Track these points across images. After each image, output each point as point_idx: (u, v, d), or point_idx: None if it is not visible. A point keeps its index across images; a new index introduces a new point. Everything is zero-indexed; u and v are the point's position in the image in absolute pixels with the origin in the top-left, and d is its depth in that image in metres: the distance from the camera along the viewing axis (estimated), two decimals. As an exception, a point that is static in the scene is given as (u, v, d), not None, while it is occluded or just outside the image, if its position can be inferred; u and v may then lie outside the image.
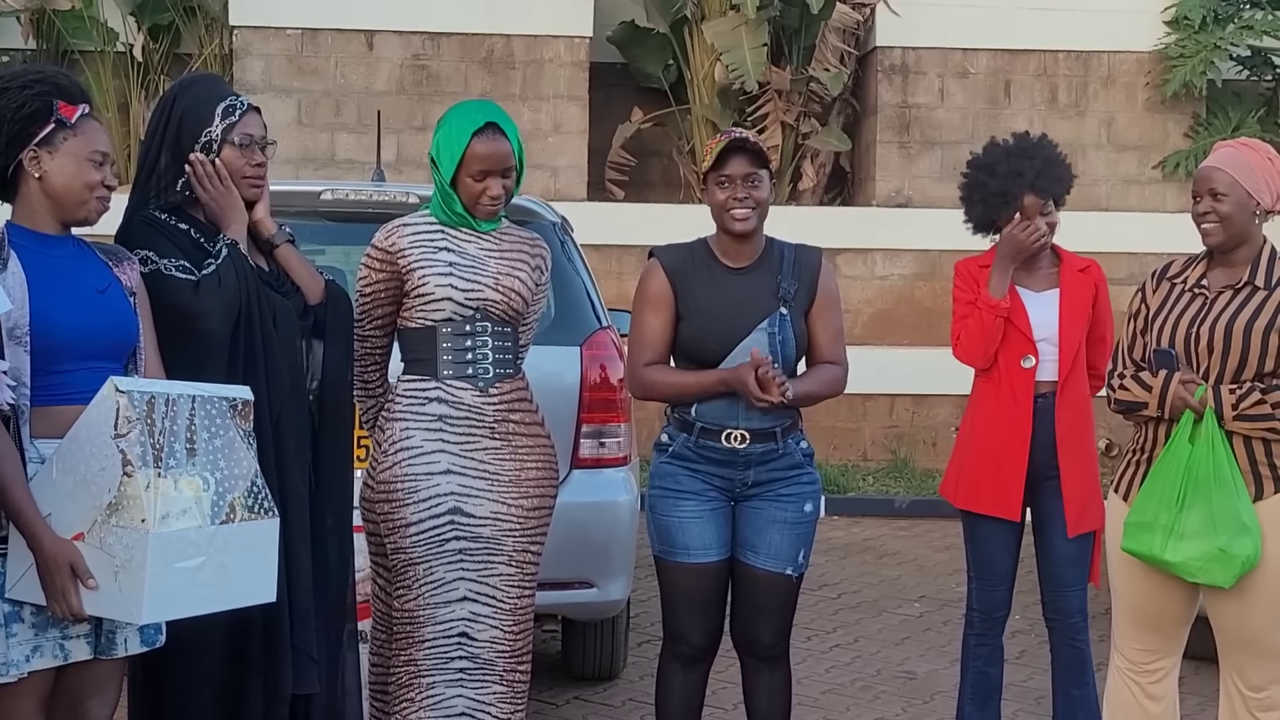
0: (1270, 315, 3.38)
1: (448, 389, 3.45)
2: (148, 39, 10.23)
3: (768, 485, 3.61)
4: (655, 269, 3.65)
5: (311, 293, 3.29)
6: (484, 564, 3.43)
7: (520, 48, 10.02)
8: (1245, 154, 3.47)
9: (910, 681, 5.34)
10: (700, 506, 3.60)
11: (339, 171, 9.68)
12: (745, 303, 3.58)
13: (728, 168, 3.55)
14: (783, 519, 3.61)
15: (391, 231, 3.51)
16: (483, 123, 3.43)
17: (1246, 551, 3.31)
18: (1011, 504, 4.04)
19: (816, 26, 10.09)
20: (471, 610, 3.42)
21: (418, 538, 3.41)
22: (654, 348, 3.62)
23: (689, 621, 3.65)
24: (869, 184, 10.38)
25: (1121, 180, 10.22)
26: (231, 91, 3.26)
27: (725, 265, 3.64)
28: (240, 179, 3.19)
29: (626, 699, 5.00)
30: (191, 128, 3.16)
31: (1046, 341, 4.03)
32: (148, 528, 2.63)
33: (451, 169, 3.44)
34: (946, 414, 9.51)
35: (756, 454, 3.58)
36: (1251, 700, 3.44)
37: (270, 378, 3.10)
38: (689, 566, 3.61)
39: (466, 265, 3.47)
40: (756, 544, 3.62)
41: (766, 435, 3.58)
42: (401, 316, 3.52)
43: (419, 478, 3.42)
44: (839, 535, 8.13)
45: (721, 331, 3.56)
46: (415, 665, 3.43)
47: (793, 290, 3.61)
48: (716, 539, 3.61)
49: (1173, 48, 10.18)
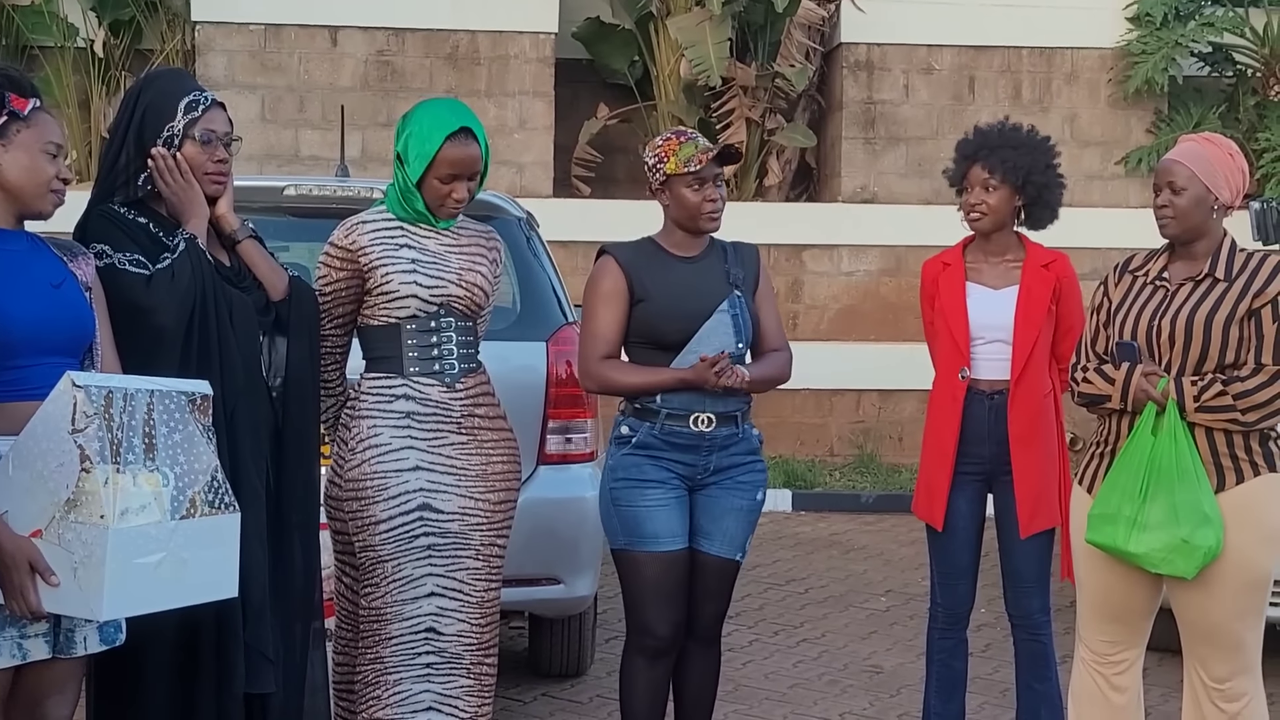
0: (1231, 307, 3.40)
1: (415, 386, 3.45)
2: (108, 35, 10.15)
3: (726, 472, 3.68)
4: (608, 263, 3.68)
5: (274, 289, 3.26)
6: (451, 559, 3.43)
7: (485, 44, 9.99)
8: (1207, 149, 3.48)
9: (877, 675, 5.35)
10: (666, 495, 3.63)
11: (303, 168, 9.62)
12: (702, 287, 3.65)
13: (700, 171, 3.59)
14: (738, 507, 3.70)
15: (351, 229, 3.48)
16: (456, 126, 3.43)
17: (1209, 542, 3.33)
18: (935, 511, 4.07)
19: (782, 22, 10.10)
20: (439, 605, 3.42)
21: (387, 535, 3.40)
22: (607, 341, 3.64)
23: (656, 613, 3.64)
24: (834, 180, 10.40)
25: (1084, 176, 10.27)
26: (197, 86, 3.23)
27: (676, 255, 3.70)
28: (202, 175, 3.16)
29: (594, 695, 4.99)
30: (154, 122, 3.13)
31: (1000, 340, 4.03)
32: (107, 524, 2.60)
33: (420, 170, 3.42)
34: (912, 409, 9.54)
35: (721, 438, 3.64)
36: (1215, 691, 3.46)
37: (225, 373, 3.06)
38: (659, 556, 3.62)
39: (428, 261, 3.46)
40: (712, 531, 3.69)
41: (729, 419, 3.66)
42: (362, 314, 3.50)
43: (388, 475, 3.40)
44: (806, 530, 8.15)
45: (685, 314, 3.61)
46: (382, 663, 3.42)
47: (740, 276, 3.71)
48: (681, 527, 3.65)
49: (1135, 44, 10.25)
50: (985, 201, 4.02)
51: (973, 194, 4.04)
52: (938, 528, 4.09)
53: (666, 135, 3.70)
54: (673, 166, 3.60)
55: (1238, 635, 3.43)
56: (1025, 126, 4.14)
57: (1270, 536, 3.42)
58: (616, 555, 3.71)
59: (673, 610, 3.66)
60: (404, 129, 3.48)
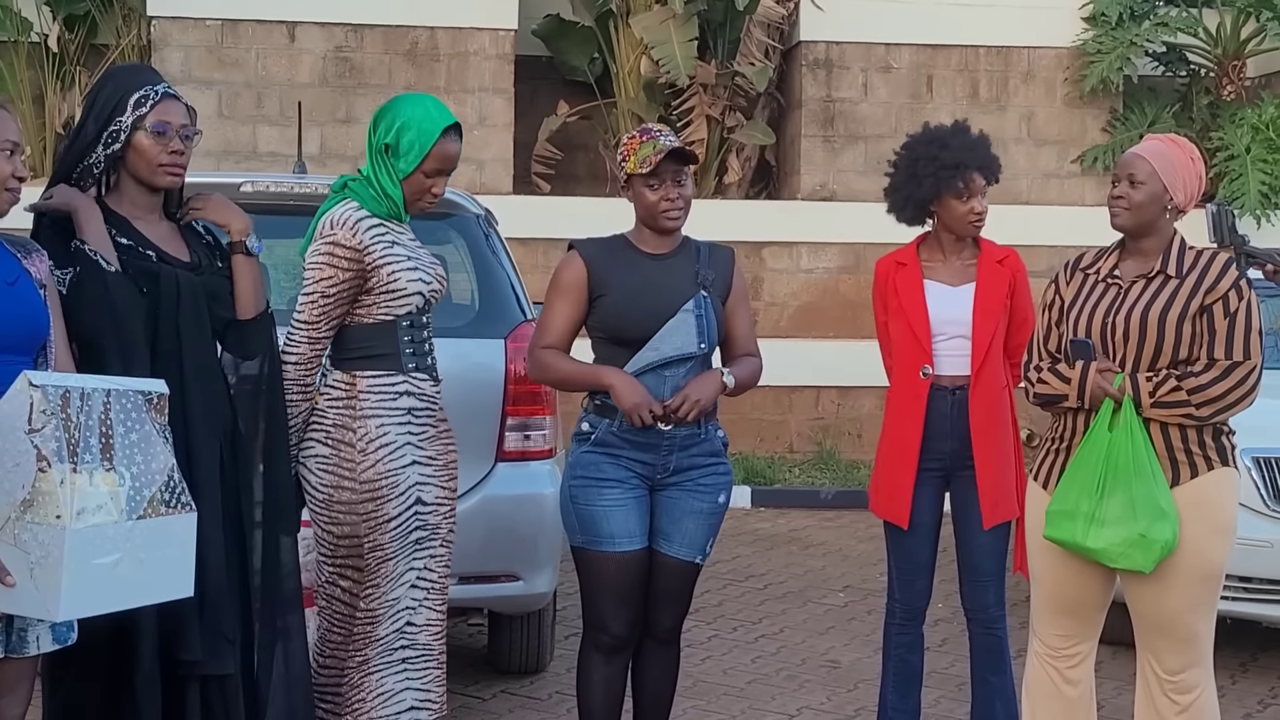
0: (1184, 304, 3.44)
1: (413, 382, 3.47)
2: (63, 29, 10.04)
3: (687, 473, 3.65)
4: (572, 258, 3.68)
5: (244, 308, 3.26)
6: (429, 550, 3.49)
7: (445, 40, 9.96)
8: (1172, 150, 3.53)
9: (835, 670, 5.38)
10: (624, 494, 3.61)
11: (261, 164, 9.55)
12: (668, 285, 3.63)
13: (658, 169, 3.58)
14: (699, 509, 3.67)
15: (354, 228, 3.40)
16: (452, 121, 3.47)
17: (1165, 536, 3.37)
18: (899, 509, 4.10)
19: (741, 21, 10.13)
20: (413, 596, 3.48)
21: (395, 532, 3.43)
22: (554, 333, 3.64)
23: (612, 612, 3.64)
24: (794, 178, 10.44)
25: (1041, 174, 10.36)
26: (153, 81, 3.20)
27: (646, 252, 3.68)
28: (155, 167, 3.15)
29: (553, 692, 4.99)
30: (104, 118, 3.13)
31: (960, 336, 4.08)
32: (63, 524, 2.59)
33: (415, 162, 3.42)
34: (871, 406, 9.60)
35: (680, 437, 3.61)
36: (1168, 683, 3.50)
37: (172, 366, 3.06)
38: (615, 556, 3.61)
39: (415, 257, 3.49)
40: (671, 533, 3.66)
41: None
42: (354, 313, 3.44)
43: (397, 473, 3.43)
44: (765, 526, 8.18)
45: (646, 311, 3.59)
46: (369, 664, 3.46)
47: (710, 278, 3.67)
48: (640, 527, 3.63)
49: (1090, 44, 10.34)
50: (984, 209, 4.11)
51: (976, 201, 4.09)
52: (903, 526, 4.12)
53: (632, 133, 3.69)
54: (632, 166, 3.60)
55: (1191, 627, 3.48)
56: (963, 122, 4.23)
57: (1223, 529, 3.47)
58: (575, 552, 3.70)
59: (628, 610, 3.65)
60: (390, 121, 3.44)
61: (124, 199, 3.19)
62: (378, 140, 3.45)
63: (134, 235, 3.15)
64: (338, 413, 3.44)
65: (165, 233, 3.24)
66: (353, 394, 3.44)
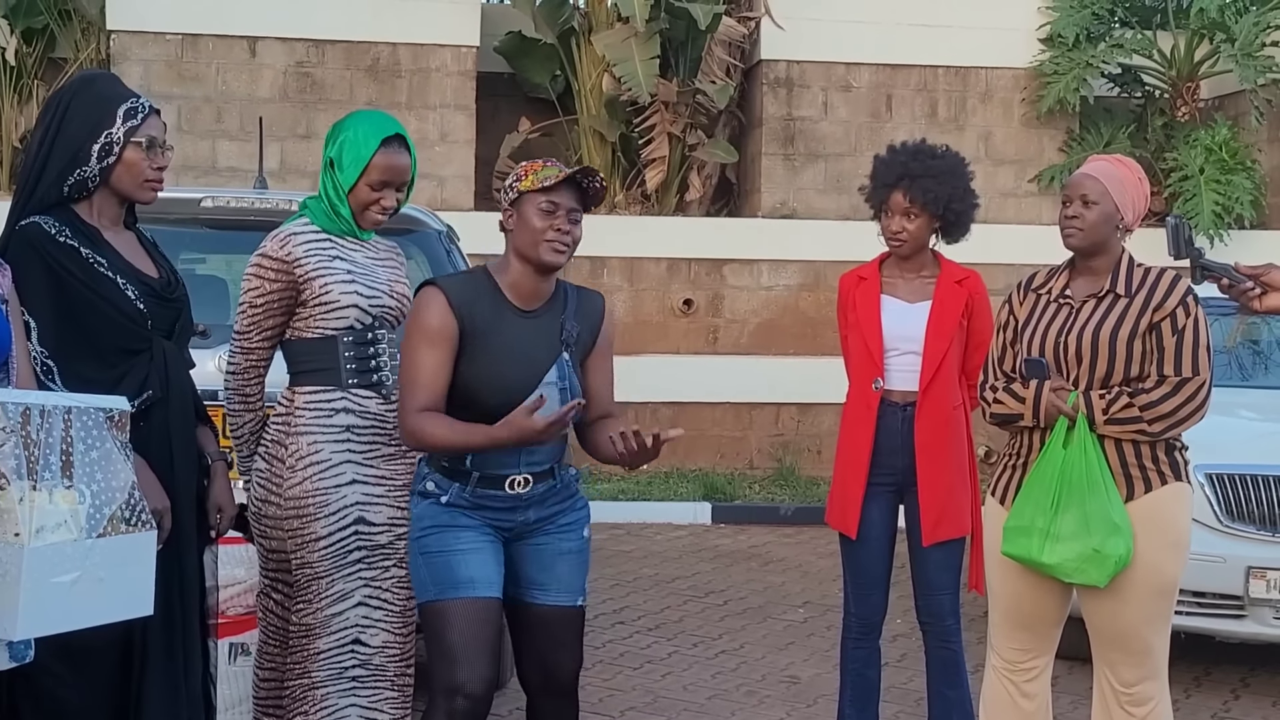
0: (1133, 323, 3.50)
1: (354, 399, 3.44)
2: (21, 43, 9.99)
3: (547, 520, 3.38)
4: (438, 300, 3.24)
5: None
6: (380, 570, 3.45)
7: (406, 56, 9.97)
8: (1120, 170, 3.60)
9: (794, 686, 5.40)
10: (480, 539, 3.28)
11: (220, 179, 9.52)
12: (533, 353, 3.28)
13: (557, 194, 3.25)
14: (568, 549, 3.39)
15: (285, 240, 3.44)
16: (392, 132, 3.46)
17: (1119, 551, 3.41)
18: (849, 520, 4.14)
19: (703, 39, 10.18)
20: (364, 616, 3.43)
21: (325, 551, 3.39)
22: (430, 391, 3.21)
23: (469, 670, 3.17)
24: (754, 195, 10.49)
25: (999, 194, 10.46)
26: (132, 93, 3.21)
27: (515, 307, 3.30)
28: (142, 181, 3.16)
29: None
30: (88, 127, 3.10)
31: (913, 353, 4.12)
32: (22, 542, 2.57)
33: (355, 175, 3.43)
34: (831, 422, 9.64)
35: (538, 494, 3.33)
36: (1123, 696, 3.54)
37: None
38: (474, 603, 3.20)
39: (362, 273, 3.48)
40: (545, 581, 3.35)
41: (546, 474, 3.35)
42: (293, 327, 3.46)
43: (329, 492, 3.39)
44: (725, 543, 8.20)
45: (508, 385, 3.22)
46: (310, 677, 3.42)
47: (575, 332, 3.34)
48: (498, 576, 3.28)
49: (1047, 65, 10.46)
50: (906, 229, 4.11)
51: (894, 221, 4.12)
52: (851, 536, 4.15)
53: (535, 160, 3.43)
54: (528, 183, 3.26)
55: (1146, 641, 3.52)
56: (940, 148, 4.23)
57: (1177, 543, 3.52)
58: (424, 610, 3.28)
59: (487, 667, 3.20)
60: (337, 136, 3.48)
61: (96, 210, 3.17)
62: (325, 155, 3.49)
63: (107, 252, 3.13)
64: (276, 428, 3.46)
65: (130, 244, 3.24)
66: (290, 409, 3.45)
